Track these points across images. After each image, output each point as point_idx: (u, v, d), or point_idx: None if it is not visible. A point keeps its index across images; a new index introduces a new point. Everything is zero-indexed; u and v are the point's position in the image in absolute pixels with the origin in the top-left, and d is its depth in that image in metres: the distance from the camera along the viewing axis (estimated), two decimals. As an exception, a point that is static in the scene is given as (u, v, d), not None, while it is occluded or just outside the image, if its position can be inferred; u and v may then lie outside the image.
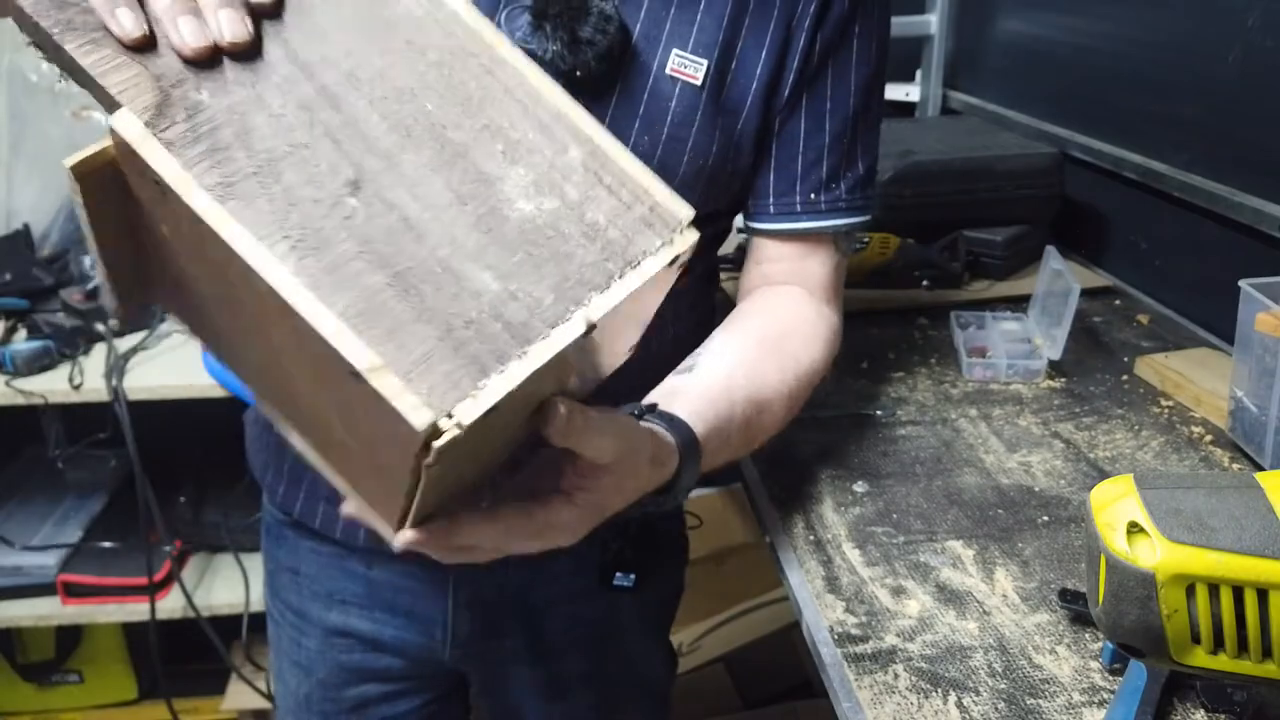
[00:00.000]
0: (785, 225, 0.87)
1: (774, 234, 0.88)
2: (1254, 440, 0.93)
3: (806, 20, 0.81)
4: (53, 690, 1.94)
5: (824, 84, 0.84)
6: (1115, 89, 1.45)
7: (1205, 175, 1.25)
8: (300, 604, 0.96)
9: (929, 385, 1.10)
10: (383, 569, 0.91)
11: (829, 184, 0.86)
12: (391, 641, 0.94)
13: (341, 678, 0.96)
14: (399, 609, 0.92)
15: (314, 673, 0.97)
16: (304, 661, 0.97)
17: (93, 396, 1.55)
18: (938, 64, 1.93)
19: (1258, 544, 0.54)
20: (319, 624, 0.95)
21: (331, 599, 0.93)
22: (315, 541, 0.92)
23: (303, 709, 0.99)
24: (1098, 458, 0.96)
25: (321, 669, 0.96)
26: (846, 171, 0.87)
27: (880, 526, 0.86)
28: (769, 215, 0.87)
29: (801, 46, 0.81)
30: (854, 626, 0.74)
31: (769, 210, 0.87)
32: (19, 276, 1.71)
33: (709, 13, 0.78)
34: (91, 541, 1.76)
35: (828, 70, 0.84)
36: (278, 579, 0.99)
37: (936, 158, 1.43)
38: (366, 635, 0.94)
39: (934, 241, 1.36)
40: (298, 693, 0.99)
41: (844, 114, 0.85)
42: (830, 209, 0.86)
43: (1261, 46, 1.15)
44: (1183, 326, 1.26)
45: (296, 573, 0.95)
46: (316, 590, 0.94)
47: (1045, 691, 0.67)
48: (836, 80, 0.84)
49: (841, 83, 0.84)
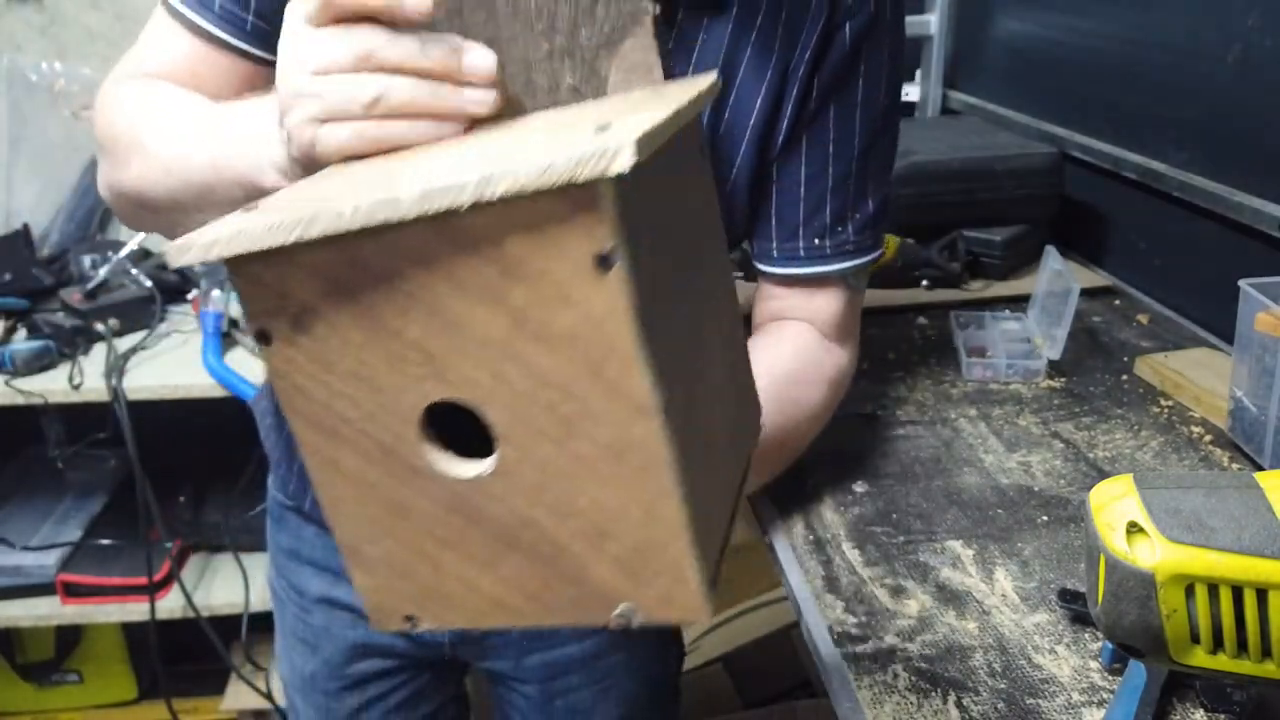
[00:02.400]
0: (790, 270, 0.84)
1: (779, 278, 0.86)
2: (1253, 440, 0.93)
3: (803, 65, 0.77)
4: (52, 690, 1.94)
5: (825, 126, 0.80)
6: (1115, 89, 1.45)
7: (1205, 175, 1.25)
8: (302, 583, 0.97)
9: (929, 385, 1.10)
10: None
11: (834, 228, 0.83)
12: None
13: (345, 654, 0.98)
14: None
15: (320, 649, 0.99)
16: (310, 639, 0.99)
17: (92, 396, 1.55)
18: (937, 64, 1.93)
19: (1257, 544, 0.54)
20: (323, 600, 0.97)
21: (337, 574, 0.95)
22: (319, 526, 0.94)
23: (308, 686, 1.01)
24: (1097, 458, 0.96)
25: (327, 645, 0.98)
26: (854, 213, 0.83)
27: (880, 526, 0.86)
28: (772, 260, 0.85)
29: (797, 92, 0.78)
30: (854, 626, 0.74)
31: (772, 255, 0.84)
32: (19, 276, 1.70)
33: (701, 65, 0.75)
34: (91, 541, 1.76)
35: (829, 111, 0.80)
36: (281, 560, 1.00)
37: (936, 158, 1.43)
38: None
39: (934, 241, 1.36)
40: (303, 670, 1.01)
41: (849, 155, 0.81)
42: (836, 253, 0.84)
43: (1261, 46, 1.15)
44: (1182, 326, 1.26)
45: (298, 554, 0.97)
46: (320, 567, 0.96)
47: (1045, 691, 0.67)
48: (840, 121, 0.80)
49: (845, 123, 0.81)
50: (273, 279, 0.43)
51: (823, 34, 0.77)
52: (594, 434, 0.43)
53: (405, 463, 0.45)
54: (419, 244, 0.41)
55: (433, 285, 0.42)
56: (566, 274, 0.40)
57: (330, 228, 0.40)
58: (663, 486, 0.43)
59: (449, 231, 0.40)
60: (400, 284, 0.42)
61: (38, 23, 1.94)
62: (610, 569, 0.46)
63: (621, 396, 0.42)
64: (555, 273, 0.40)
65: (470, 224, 0.40)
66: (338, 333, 0.44)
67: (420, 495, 0.46)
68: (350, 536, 0.48)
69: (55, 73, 1.91)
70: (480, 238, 0.40)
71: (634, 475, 0.43)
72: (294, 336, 0.44)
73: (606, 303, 0.40)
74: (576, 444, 0.43)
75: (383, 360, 0.44)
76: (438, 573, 0.48)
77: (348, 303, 0.43)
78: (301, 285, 0.43)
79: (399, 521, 0.47)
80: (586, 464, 0.44)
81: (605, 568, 0.46)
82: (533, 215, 0.39)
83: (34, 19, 1.94)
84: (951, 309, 1.25)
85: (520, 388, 0.43)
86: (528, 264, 0.40)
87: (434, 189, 0.39)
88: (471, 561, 0.47)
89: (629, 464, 0.43)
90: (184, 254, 0.41)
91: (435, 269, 0.41)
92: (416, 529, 0.47)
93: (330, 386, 0.45)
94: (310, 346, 0.44)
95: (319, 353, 0.44)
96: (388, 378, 0.44)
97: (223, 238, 0.41)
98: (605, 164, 0.37)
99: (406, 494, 0.46)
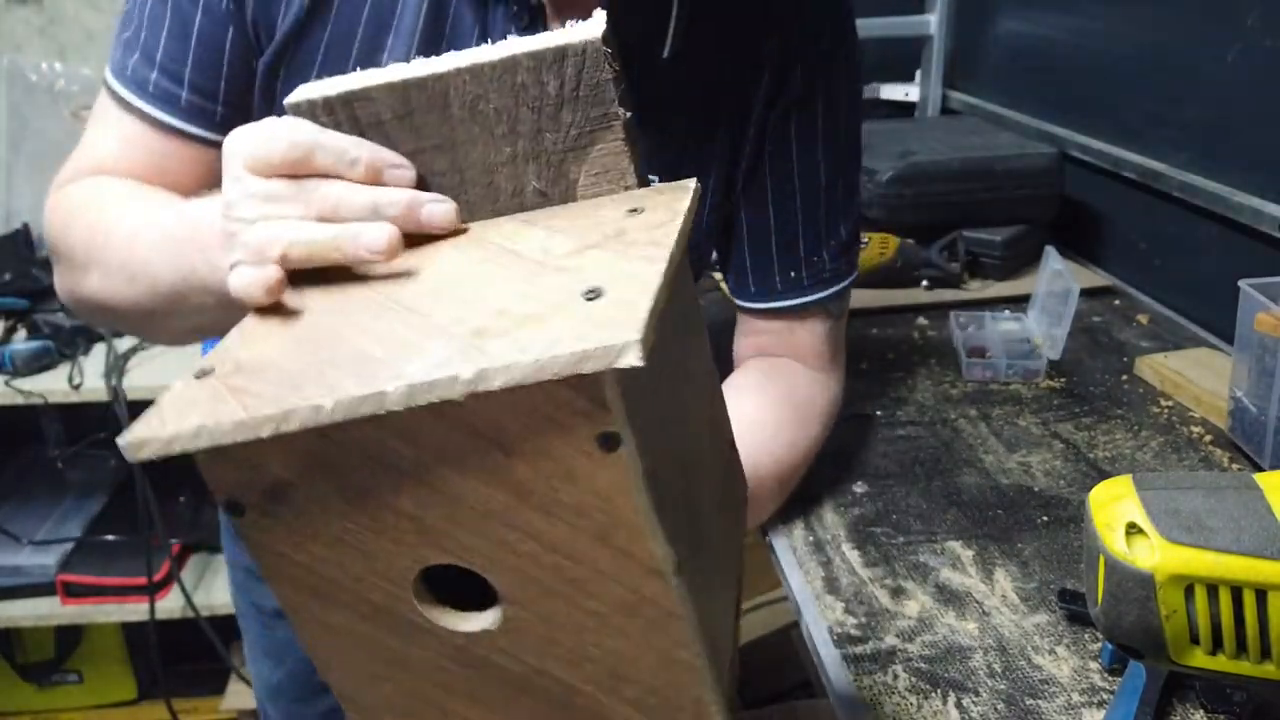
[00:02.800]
0: (769, 305, 0.85)
1: (759, 312, 0.86)
2: (1253, 440, 0.93)
3: (753, 113, 0.77)
4: (52, 690, 1.94)
5: (788, 163, 0.80)
6: (1115, 89, 1.45)
7: (1205, 175, 1.25)
8: (262, 600, 0.99)
9: (928, 385, 1.10)
10: None
11: (809, 259, 0.83)
12: None
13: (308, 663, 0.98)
14: None
15: (284, 661, 1.01)
16: (274, 651, 1.01)
17: (92, 396, 1.55)
18: (937, 64, 1.93)
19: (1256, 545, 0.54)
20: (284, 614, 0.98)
21: None
22: None
23: (277, 695, 1.03)
24: (1097, 458, 0.96)
25: (290, 657, 1.00)
26: (828, 241, 0.84)
27: (880, 527, 0.86)
28: (750, 295, 0.85)
29: (752, 137, 0.78)
30: (853, 627, 0.74)
31: (749, 290, 0.85)
32: (19, 276, 1.71)
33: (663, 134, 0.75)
34: (91, 541, 1.76)
35: (791, 148, 0.80)
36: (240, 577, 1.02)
37: (936, 158, 1.43)
38: None
39: (933, 242, 1.36)
40: (270, 680, 1.03)
41: (814, 188, 0.82)
42: (813, 283, 0.84)
43: (1261, 46, 1.15)
44: (1182, 326, 1.26)
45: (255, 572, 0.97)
46: None
47: (1044, 692, 0.67)
48: (802, 157, 0.80)
49: (808, 159, 0.80)
50: (243, 458, 0.39)
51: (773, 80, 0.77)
52: (604, 593, 0.42)
53: (402, 619, 0.43)
54: (410, 425, 0.39)
55: (425, 462, 0.40)
56: (569, 453, 0.38)
57: (309, 421, 0.37)
58: (678, 638, 0.43)
59: (441, 414, 0.38)
60: (389, 460, 0.40)
61: (37, 23, 1.95)
62: (629, 710, 0.46)
63: (632, 560, 0.41)
64: (557, 451, 0.39)
65: (465, 410, 0.38)
66: (319, 503, 0.41)
67: (421, 648, 0.44)
68: (346, 687, 0.46)
69: (55, 73, 1.91)
70: (476, 420, 0.38)
71: (648, 628, 0.43)
72: (270, 507, 0.41)
73: (612, 480, 0.39)
74: (586, 602, 0.42)
75: (370, 529, 0.41)
76: (445, 716, 0.47)
77: (331, 477, 0.40)
78: (276, 463, 0.40)
79: (398, 671, 0.45)
80: (598, 618, 0.43)
81: (624, 709, 0.46)
82: (533, 401, 0.37)
83: (34, 19, 1.94)
84: (951, 309, 1.25)
85: (524, 551, 0.41)
86: (528, 443, 0.39)
87: (420, 383, 0.36)
88: (481, 706, 0.46)
89: (642, 617, 0.42)
90: (141, 449, 0.38)
91: (426, 448, 0.39)
92: (418, 678, 0.46)
93: (313, 553, 0.42)
94: (289, 518, 0.41)
95: (299, 524, 0.41)
96: (377, 544, 0.41)
97: (184, 433, 0.37)
98: (611, 359, 0.35)
99: (405, 647, 0.44)
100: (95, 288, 0.66)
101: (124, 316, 0.66)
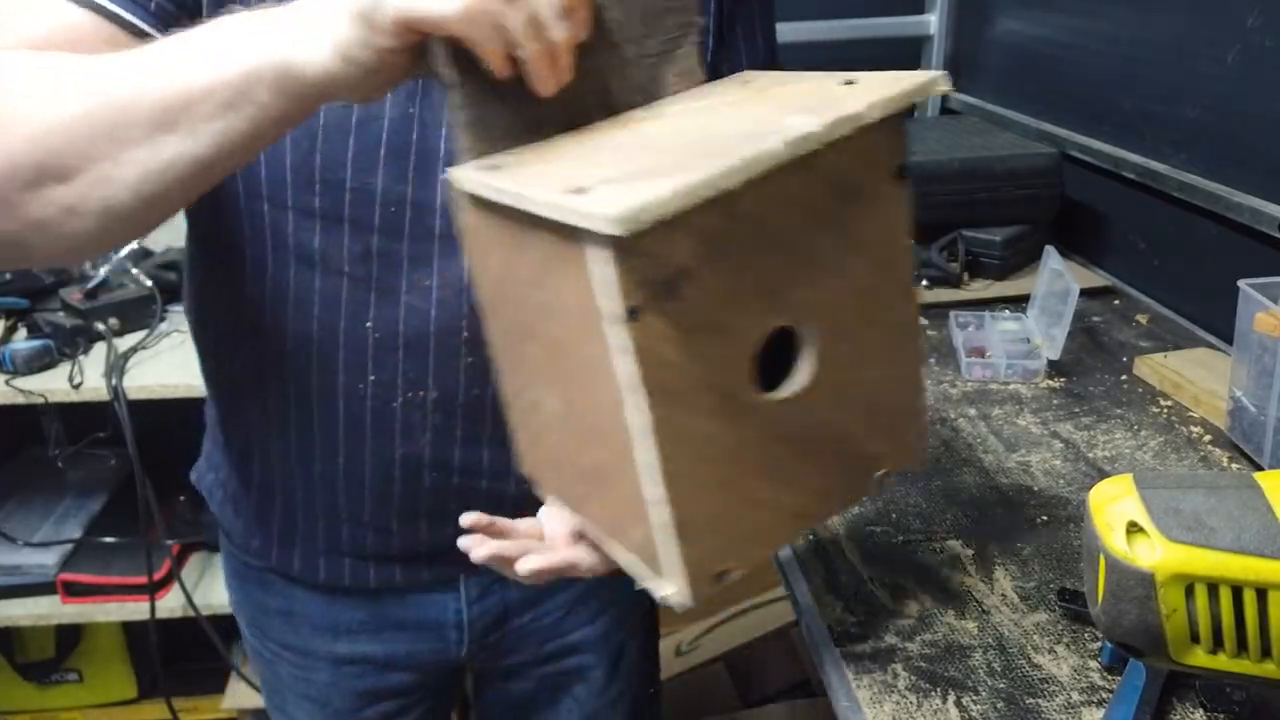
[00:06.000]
0: None
1: None
2: (1253, 440, 0.93)
3: None
4: (52, 689, 1.94)
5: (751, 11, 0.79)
6: (1115, 89, 1.45)
7: (1205, 175, 1.25)
8: (301, 643, 0.93)
9: (928, 385, 1.11)
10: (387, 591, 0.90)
11: None
12: (405, 658, 0.92)
13: (356, 703, 0.95)
14: (408, 624, 0.91)
15: (329, 704, 0.95)
16: (315, 695, 0.95)
17: (92, 396, 1.55)
18: (937, 64, 1.93)
19: (1256, 544, 0.54)
20: (327, 657, 0.93)
21: (337, 631, 0.91)
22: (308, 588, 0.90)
23: None
24: (1097, 457, 0.96)
25: (336, 699, 0.94)
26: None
27: (880, 526, 0.86)
28: None
29: None
30: (853, 626, 0.74)
31: None
32: (19, 276, 1.70)
33: None
34: (91, 540, 1.76)
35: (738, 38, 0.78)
36: (266, 621, 0.95)
37: (936, 158, 1.43)
38: (379, 658, 0.92)
39: (933, 241, 1.36)
40: None
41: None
42: None
43: (1261, 46, 1.15)
44: (1182, 326, 1.26)
45: (291, 614, 0.92)
46: (318, 626, 0.91)
47: (1044, 691, 0.68)
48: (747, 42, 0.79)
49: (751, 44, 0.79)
50: (660, 249, 0.44)
51: None
52: (883, 320, 0.53)
53: (741, 403, 0.49)
54: (790, 189, 0.47)
55: (794, 225, 0.48)
56: (876, 182, 0.50)
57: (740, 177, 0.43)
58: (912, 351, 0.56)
59: (807, 170, 0.46)
60: (765, 227, 0.47)
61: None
62: (879, 440, 0.56)
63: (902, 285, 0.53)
64: (870, 184, 0.50)
65: (827, 162, 0.47)
66: (703, 290, 0.46)
67: (752, 431, 0.51)
68: (686, 507, 0.50)
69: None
70: (833, 171, 0.48)
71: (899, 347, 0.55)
72: (663, 305, 0.45)
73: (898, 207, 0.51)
74: (869, 333, 0.53)
75: (734, 304, 0.47)
76: (754, 509, 0.53)
77: (718, 258, 0.46)
78: (682, 250, 0.45)
79: (731, 468, 0.51)
80: (870, 352, 0.53)
81: (875, 440, 0.56)
82: (863, 141, 0.47)
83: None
84: (951, 309, 1.25)
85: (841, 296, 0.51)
86: (852, 181, 0.49)
87: (795, 136, 0.44)
88: (779, 482, 0.53)
89: (898, 337, 0.54)
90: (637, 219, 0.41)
91: (793, 206, 0.48)
92: (743, 470, 0.51)
93: (689, 348, 0.46)
94: (676, 312, 0.45)
95: (683, 316, 0.46)
96: (738, 319, 0.48)
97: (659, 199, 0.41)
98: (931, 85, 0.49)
99: (740, 435, 0.50)
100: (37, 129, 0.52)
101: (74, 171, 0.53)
